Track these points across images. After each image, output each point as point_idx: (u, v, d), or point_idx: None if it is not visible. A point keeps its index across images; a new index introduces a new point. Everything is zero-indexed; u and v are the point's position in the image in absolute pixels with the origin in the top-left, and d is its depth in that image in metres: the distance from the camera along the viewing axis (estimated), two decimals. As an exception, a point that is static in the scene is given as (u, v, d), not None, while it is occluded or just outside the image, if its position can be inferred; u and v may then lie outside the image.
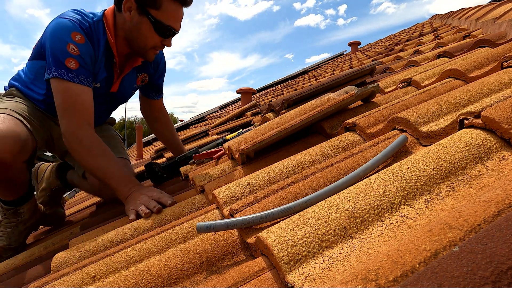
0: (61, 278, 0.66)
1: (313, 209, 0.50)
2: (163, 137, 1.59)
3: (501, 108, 0.52)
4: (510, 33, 1.50)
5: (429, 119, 0.69)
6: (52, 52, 1.03)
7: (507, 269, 0.27)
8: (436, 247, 0.34)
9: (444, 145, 0.53)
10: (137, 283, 0.55)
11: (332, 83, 1.50)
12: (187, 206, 0.89)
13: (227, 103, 7.67)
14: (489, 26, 1.93)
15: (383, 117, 0.85)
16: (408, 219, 0.45)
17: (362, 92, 0.99)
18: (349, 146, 0.82)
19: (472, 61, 1.00)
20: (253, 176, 0.80)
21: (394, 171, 0.52)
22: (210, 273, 0.57)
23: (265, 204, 0.62)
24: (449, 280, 0.28)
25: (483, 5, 2.69)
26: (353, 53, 6.10)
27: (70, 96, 1.05)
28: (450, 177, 0.49)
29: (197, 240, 0.64)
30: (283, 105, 1.49)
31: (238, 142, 1.05)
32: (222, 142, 1.62)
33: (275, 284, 0.44)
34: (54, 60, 1.03)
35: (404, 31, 5.32)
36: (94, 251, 0.79)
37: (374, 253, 0.41)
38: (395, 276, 0.33)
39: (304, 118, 0.95)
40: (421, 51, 2.05)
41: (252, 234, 0.58)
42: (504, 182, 0.43)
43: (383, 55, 2.86)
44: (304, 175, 0.70)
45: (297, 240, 0.45)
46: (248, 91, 3.93)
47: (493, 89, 0.73)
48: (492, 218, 0.35)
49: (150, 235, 0.75)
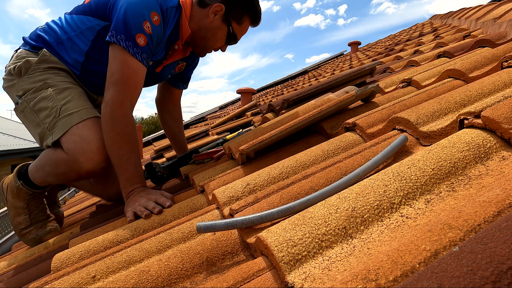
0: (61, 278, 0.66)
1: (313, 209, 0.50)
2: (170, 132, 1.57)
3: (501, 108, 0.52)
4: (510, 33, 1.50)
5: (429, 119, 0.69)
6: (126, 21, 1.01)
7: (507, 269, 0.27)
8: (436, 247, 0.34)
9: (444, 145, 0.53)
10: (137, 283, 0.55)
11: (332, 83, 1.50)
12: (187, 206, 0.89)
13: (227, 103, 7.67)
14: (489, 26, 1.93)
15: (383, 117, 0.85)
16: (408, 219, 0.45)
17: (362, 92, 0.99)
18: (349, 146, 0.82)
19: (472, 61, 1.00)
20: (253, 176, 0.80)
21: (394, 171, 0.52)
22: (210, 273, 0.57)
23: (265, 204, 0.62)
24: (449, 280, 0.28)
25: (483, 5, 2.69)
26: (353, 53, 6.10)
27: (128, 70, 1.04)
28: (450, 177, 0.49)
29: (197, 240, 0.64)
30: (283, 105, 1.50)
31: (238, 142, 1.05)
32: (222, 142, 1.62)
33: (275, 284, 0.44)
34: (125, 30, 1.01)
35: (404, 31, 5.32)
36: (94, 251, 0.79)
37: (374, 253, 0.41)
38: (395, 276, 0.33)
39: (304, 118, 0.95)
40: (421, 51, 2.05)
41: (252, 234, 0.58)
42: (504, 182, 0.43)
43: (383, 55, 2.86)
44: (304, 175, 0.70)
45: (297, 240, 0.45)
46: (248, 91, 3.93)
47: (493, 89, 0.73)
48: (492, 218, 0.35)
49: (150, 235, 0.75)
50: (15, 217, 1.21)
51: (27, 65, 1.10)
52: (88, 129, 1.06)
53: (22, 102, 1.11)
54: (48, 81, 1.10)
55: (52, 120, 1.07)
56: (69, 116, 1.07)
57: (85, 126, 1.06)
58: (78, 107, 1.09)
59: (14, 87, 1.13)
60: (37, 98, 1.09)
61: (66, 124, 1.05)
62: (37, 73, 1.11)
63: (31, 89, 1.10)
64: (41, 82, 1.10)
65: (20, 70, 1.10)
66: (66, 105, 1.08)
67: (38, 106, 1.09)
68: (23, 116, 1.14)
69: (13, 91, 1.13)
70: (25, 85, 1.10)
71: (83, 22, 1.14)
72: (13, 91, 1.13)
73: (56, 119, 1.07)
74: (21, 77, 1.11)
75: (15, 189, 1.19)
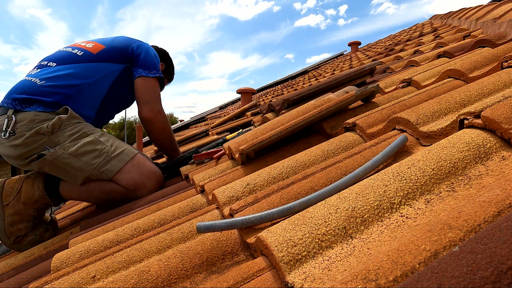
0: (61, 278, 0.66)
1: (313, 209, 0.50)
2: None
3: (501, 108, 0.52)
4: (510, 33, 1.50)
5: (429, 119, 0.69)
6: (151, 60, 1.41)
7: (507, 269, 0.27)
8: (436, 247, 0.34)
9: (444, 145, 0.53)
10: (137, 283, 0.55)
11: (332, 83, 1.50)
12: (187, 206, 0.89)
13: (227, 103, 7.66)
14: (489, 26, 1.93)
15: (383, 117, 0.85)
16: (408, 219, 0.45)
17: (362, 92, 0.99)
18: (349, 146, 0.82)
19: (472, 61, 1.00)
20: (253, 176, 0.80)
21: (394, 171, 0.52)
22: (210, 273, 0.57)
23: (265, 204, 0.62)
24: (449, 280, 0.28)
25: (483, 5, 2.69)
26: (353, 53, 6.10)
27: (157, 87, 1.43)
28: (450, 177, 0.49)
29: (197, 240, 0.64)
30: (283, 105, 1.49)
31: (238, 142, 1.05)
32: (222, 142, 1.62)
33: (275, 284, 0.44)
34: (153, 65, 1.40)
35: (404, 31, 5.31)
36: (94, 251, 0.79)
37: (374, 253, 0.41)
38: (395, 276, 0.33)
39: (304, 118, 0.95)
40: (421, 51, 2.05)
41: (252, 234, 0.58)
42: (504, 182, 0.43)
43: (383, 55, 2.86)
44: (304, 175, 0.70)
45: (297, 240, 0.45)
46: (248, 91, 3.93)
47: (493, 89, 0.73)
48: (492, 218, 0.35)
49: (150, 235, 0.75)
50: (15, 225, 1.18)
51: (59, 122, 1.16)
52: (144, 161, 1.27)
53: (57, 150, 1.15)
54: (85, 130, 1.21)
55: (103, 159, 1.19)
56: (120, 154, 1.23)
57: (139, 159, 1.26)
58: (123, 146, 1.27)
59: (44, 144, 1.15)
60: (79, 144, 1.17)
61: (121, 161, 1.21)
62: (71, 127, 1.19)
63: (68, 139, 1.17)
64: (79, 132, 1.20)
65: (53, 128, 1.15)
66: (114, 146, 1.24)
67: (82, 150, 1.17)
68: (54, 164, 1.16)
69: (38, 146, 1.15)
70: (61, 138, 1.16)
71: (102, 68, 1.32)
72: (39, 147, 1.15)
73: (108, 157, 1.20)
74: (53, 134, 1.16)
75: (36, 197, 1.20)
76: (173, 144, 1.53)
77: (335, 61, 6.84)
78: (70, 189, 1.25)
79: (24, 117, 1.14)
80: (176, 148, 1.55)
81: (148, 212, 0.99)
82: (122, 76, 1.38)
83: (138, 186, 1.22)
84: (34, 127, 1.13)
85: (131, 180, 1.21)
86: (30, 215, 1.21)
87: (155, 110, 1.39)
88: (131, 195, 1.23)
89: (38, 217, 1.26)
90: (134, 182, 1.21)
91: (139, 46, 1.41)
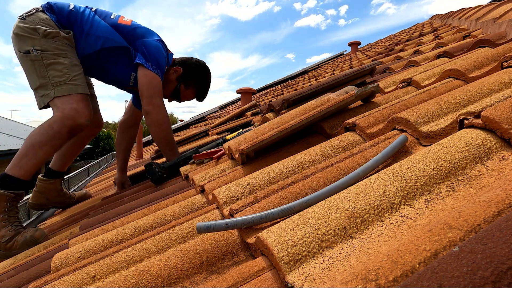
0: (61, 278, 0.66)
1: (313, 209, 0.50)
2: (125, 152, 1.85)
3: (501, 108, 0.52)
4: (510, 33, 1.50)
5: (429, 119, 0.69)
6: (158, 57, 1.52)
7: (507, 269, 0.27)
8: (436, 247, 0.34)
9: (444, 145, 0.53)
10: (137, 283, 0.55)
11: (332, 83, 1.50)
12: (187, 206, 0.89)
13: (227, 103, 7.67)
14: (489, 26, 1.93)
15: (383, 117, 0.85)
16: (408, 219, 0.45)
17: (362, 92, 0.99)
18: (349, 146, 0.82)
19: (472, 61, 1.00)
20: (253, 176, 0.80)
21: (394, 171, 0.52)
22: (210, 273, 0.57)
23: (265, 204, 0.62)
24: (449, 280, 0.28)
25: (483, 5, 2.69)
26: (353, 53, 6.10)
27: (158, 83, 1.52)
28: (450, 177, 0.49)
29: (197, 240, 0.64)
30: (283, 105, 1.49)
31: (238, 142, 1.05)
32: (222, 142, 1.62)
33: (275, 284, 0.44)
34: (156, 62, 1.51)
35: (404, 31, 5.32)
36: (94, 251, 0.79)
37: (374, 253, 0.41)
38: (395, 276, 0.33)
39: (304, 118, 0.95)
40: (421, 51, 2.05)
41: (252, 234, 0.58)
42: (504, 182, 0.43)
43: (383, 55, 2.86)
44: (304, 175, 0.70)
45: (297, 240, 0.45)
46: (248, 91, 3.93)
47: (493, 89, 0.73)
48: (492, 218, 0.35)
49: (150, 235, 0.75)
50: None
51: (57, 34, 1.36)
52: (85, 100, 1.40)
53: (38, 55, 1.34)
54: (67, 53, 1.39)
55: (60, 80, 1.35)
56: (76, 86, 1.38)
57: (84, 97, 1.40)
58: (83, 83, 1.42)
59: (33, 40, 1.33)
60: (55, 60, 1.35)
61: (71, 90, 1.36)
62: (61, 43, 1.38)
63: (52, 50, 1.35)
64: (63, 51, 1.38)
65: (47, 34, 1.34)
66: (76, 77, 1.39)
67: (53, 65, 1.35)
68: (31, 64, 1.34)
69: (29, 42, 1.33)
70: (47, 45, 1.34)
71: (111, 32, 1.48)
72: (29, 42, 1.33)
73: (65, 82, 1.36)
74: (45, 38, 1.34)
75: None
76: (170, 141, 1.58)
77: (335, 61, 6.84)
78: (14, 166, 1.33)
79: (41, 16, 1.37)
80: (174, 147, 1.60)
81: (148, 212, 0.99)
82: (121, 50, 1.51)
83: (74, 110, 1.35)
84: (37, 24, 1.34)
85: (71, 105, 1.35)
86: (3, 220, 1.23)
87: (154, 103, 1.50)
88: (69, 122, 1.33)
89: (14, 221, 1.26)
90: (71, 107, 1.35)
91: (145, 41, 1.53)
